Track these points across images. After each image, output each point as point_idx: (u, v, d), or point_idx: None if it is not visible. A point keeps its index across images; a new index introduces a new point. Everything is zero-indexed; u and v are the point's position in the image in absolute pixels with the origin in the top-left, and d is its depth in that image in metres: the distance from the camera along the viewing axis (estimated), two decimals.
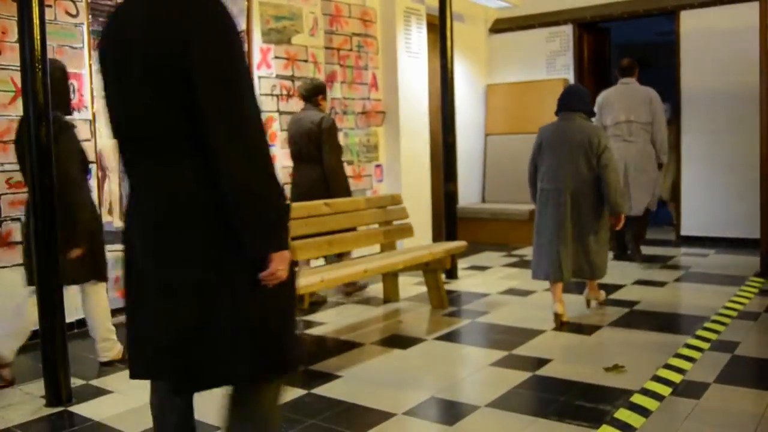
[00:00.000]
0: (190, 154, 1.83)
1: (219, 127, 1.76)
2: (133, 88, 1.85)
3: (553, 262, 4.43)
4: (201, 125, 1.78)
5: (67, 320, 3.48)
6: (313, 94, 5.19)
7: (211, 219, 1.83)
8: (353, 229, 5.04)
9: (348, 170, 6.82)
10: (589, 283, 4.77)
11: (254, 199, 1.79)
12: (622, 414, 2.98)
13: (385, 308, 5.13)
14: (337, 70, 6.71)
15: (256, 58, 5.92)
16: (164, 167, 1.86)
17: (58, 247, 3.35)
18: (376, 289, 5.59)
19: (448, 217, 6.15)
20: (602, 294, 4.91)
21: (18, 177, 4.33)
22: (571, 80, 8.16)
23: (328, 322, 4.75)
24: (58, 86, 3.68)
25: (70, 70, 4.62)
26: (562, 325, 4.43)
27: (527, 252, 7.30)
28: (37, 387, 3.47)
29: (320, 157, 5.06)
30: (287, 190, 5.27)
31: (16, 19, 3.39)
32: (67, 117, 3.83)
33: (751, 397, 3.21)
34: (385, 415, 3.07)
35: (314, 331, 4.55)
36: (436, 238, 7.30)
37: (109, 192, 4.94)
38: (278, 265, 1.84)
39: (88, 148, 4.76)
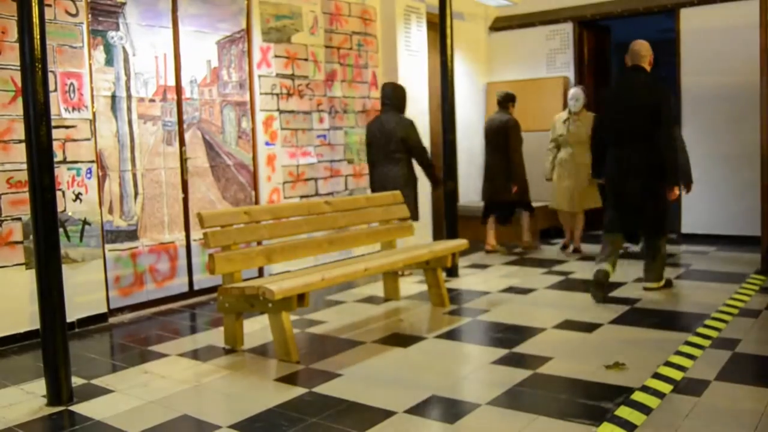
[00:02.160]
0: (651, 139, 4.78)
1: (663, 130, 4.75)
2: (638, 114, 4.81)
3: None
4: (656, 129, 4.75)
5: (68, 320, 3.48)
6: (505, 100, 7.10)
7: (662, 164, 4.82)
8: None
9: (349, 169, 6.84)
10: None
11: (674, 160, 4.79)
12: (623, 411, 2.98)
13: (386, 307, 5.13)
14: (337, 68, 6.71)
15: (256, 56, 5.92)
16: (645, 145, 4.81)
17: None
18: (377, 287, 5.60)
19: (449, 216, 6.14)
20: None
21: (18, 177, 4.34)
22: (571, 78, 8.15)
23: (328, 321, 4.76)
24: (403, 95, 6.01)
25: (69, 69, 4.64)
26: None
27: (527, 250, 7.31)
28: (38, 386, 3.47)
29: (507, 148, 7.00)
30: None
31: (16, 18, 3.39)
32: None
33: (752, 394, 3.21)
34: (386, 414, 3.07)
35: (315, 330, 4.55)
36: (437, 236, 7.30)
37: (109, 192, 4.93)
38: (676, 191, 4.90)
39: (88, 147, 4.77)
